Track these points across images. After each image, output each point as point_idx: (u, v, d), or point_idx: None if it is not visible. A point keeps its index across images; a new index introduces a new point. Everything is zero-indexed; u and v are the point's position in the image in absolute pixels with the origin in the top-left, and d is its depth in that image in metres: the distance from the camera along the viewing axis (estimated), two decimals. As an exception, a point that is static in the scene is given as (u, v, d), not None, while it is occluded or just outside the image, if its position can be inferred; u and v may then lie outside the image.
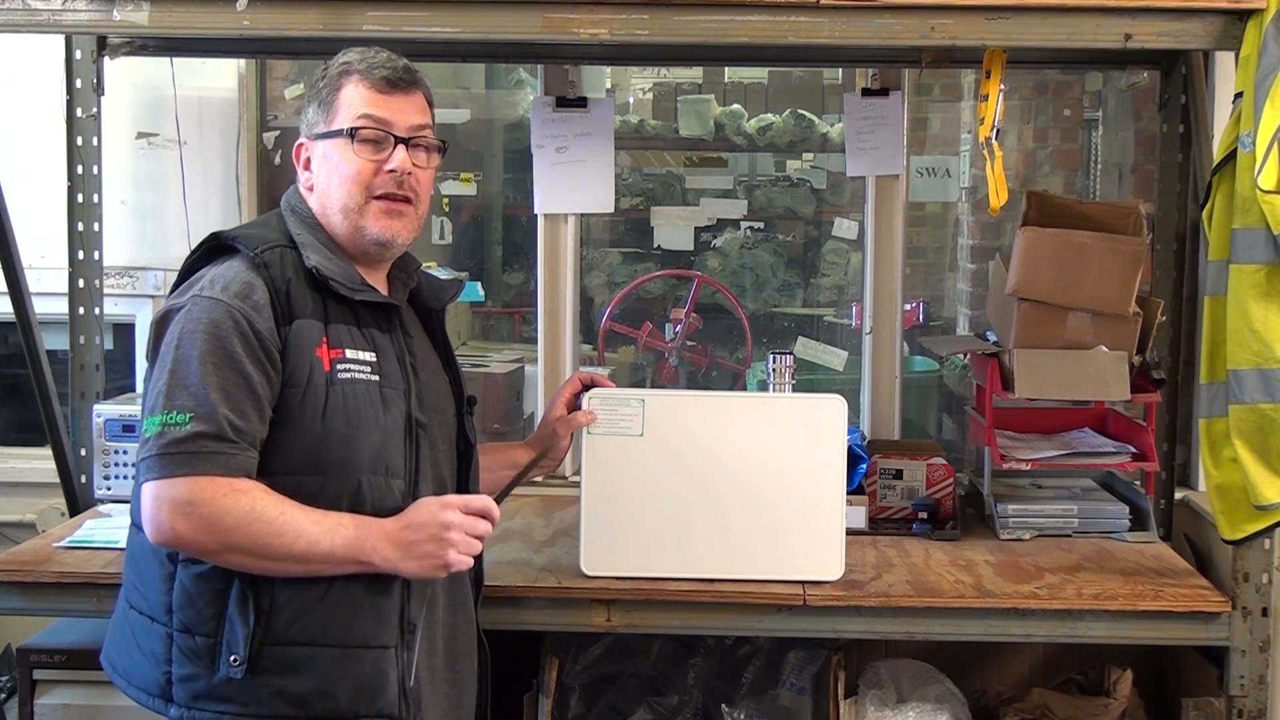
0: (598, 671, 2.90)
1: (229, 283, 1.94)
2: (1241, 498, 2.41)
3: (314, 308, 1.96)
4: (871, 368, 3.33)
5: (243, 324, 1.90)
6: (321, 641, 1.93)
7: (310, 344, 1.94)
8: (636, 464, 2.49)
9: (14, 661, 2.92)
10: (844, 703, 2.68)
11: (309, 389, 1.93)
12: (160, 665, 1.95)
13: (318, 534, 1.89)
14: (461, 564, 1.96)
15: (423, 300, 2.19)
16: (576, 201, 3.24)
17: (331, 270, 1.98)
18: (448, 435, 2.14)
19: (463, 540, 1.94)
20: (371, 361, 1.99)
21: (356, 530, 1.91)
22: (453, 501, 1.97)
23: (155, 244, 3.71)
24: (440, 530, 1.93)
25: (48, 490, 3.42)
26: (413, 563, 1.93)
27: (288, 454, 1.93)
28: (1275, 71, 2.28)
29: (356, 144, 2.00)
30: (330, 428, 1.93)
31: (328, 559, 1.90)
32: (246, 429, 1.89)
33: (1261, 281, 2.33)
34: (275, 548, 1.87)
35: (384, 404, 1.98)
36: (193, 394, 1.87)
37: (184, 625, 1.93)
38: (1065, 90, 5.21)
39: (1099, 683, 2.88)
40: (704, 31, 2.41)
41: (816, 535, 2.51)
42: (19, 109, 3.71)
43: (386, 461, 1.97)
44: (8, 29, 2.45)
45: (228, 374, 1.88)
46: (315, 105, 2.06)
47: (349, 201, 2.02)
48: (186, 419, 1.86)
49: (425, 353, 2.14)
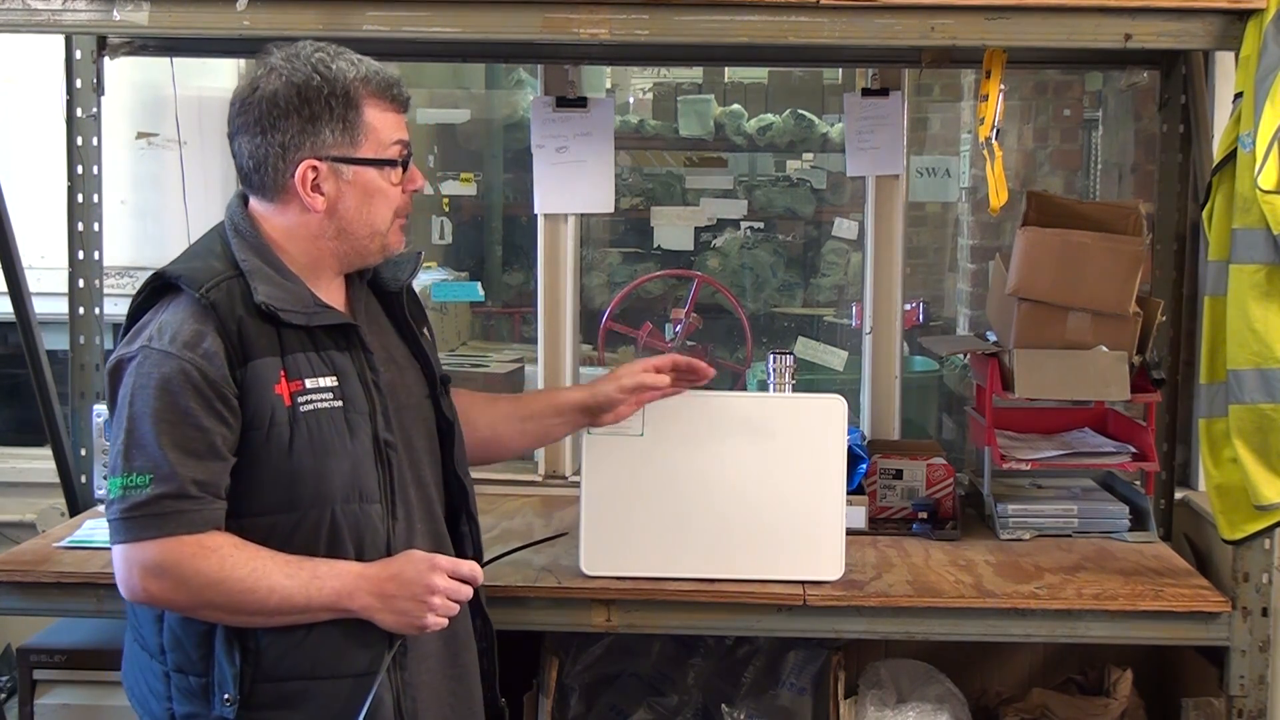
0: (598, 671, 2.90)
1: (177, 331, 1.86)
2: (1241, 498, 2.41)
3: (268, 343, 1.90)
4: (871, 368, 3.32)
5: (194, 376, 1.84)
6: (312, 675, 1.91)
7: (268, 382, 1.89)
8: (636, 464, 2.49)
9: (14, 661, 2.92)
10: (844, 703, 2.68)
11: (272, 428, 1.88)
12: (163, 701, 1.95)
13: (292, 588, 1.86)
14: (438, 626, 1.93)
15: (382, 285, 2.11)
16: (576, 201, 3.24)
17: (283, 300, 1.91)
18: (424, 424, 2.09)
19: (443, 605, 1.92)
20: (333, 387, 1.94)
21: (334, 580, 1.88)
22: (442, 564, 1.93)
23: (155, 244, 3.71)
24: (424, 592, 1.90)
25: (48, 490, 3.42)
26: (390, 616, 1.91)
27: (259, 495, 1.90)
28: (1275, 71, 2.28)
29: (396, 171, 1.98)
30: (299, 463, 1.89)
31: (304, 610, 1.88)
32: (209, 481, 1.85)
33: (1261, 281, 2.33)
34: (248, 604, 1.86)
35: (350, 430, 1.94)
36: (149, 455, 1.83)
37: (177, 665, 1.93)
38: (1065, 90, 5.22)
39: (1099, 683, 2.89)
40: (704, 31, 2.41)
41: (816, 535, 2.50)
42: (19, 109, 3.71)
43: (359, 487, 1.94)
44: (8, 29, 2.45)
45: (184, 430, 1.83)
46: (328, 125, 1.92)
47: (380, 225, 1.98)
48: (146, 481, 1.83)
49: (391, 346, 2.09)
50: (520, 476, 3.31)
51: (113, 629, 2.80)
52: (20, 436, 3.89)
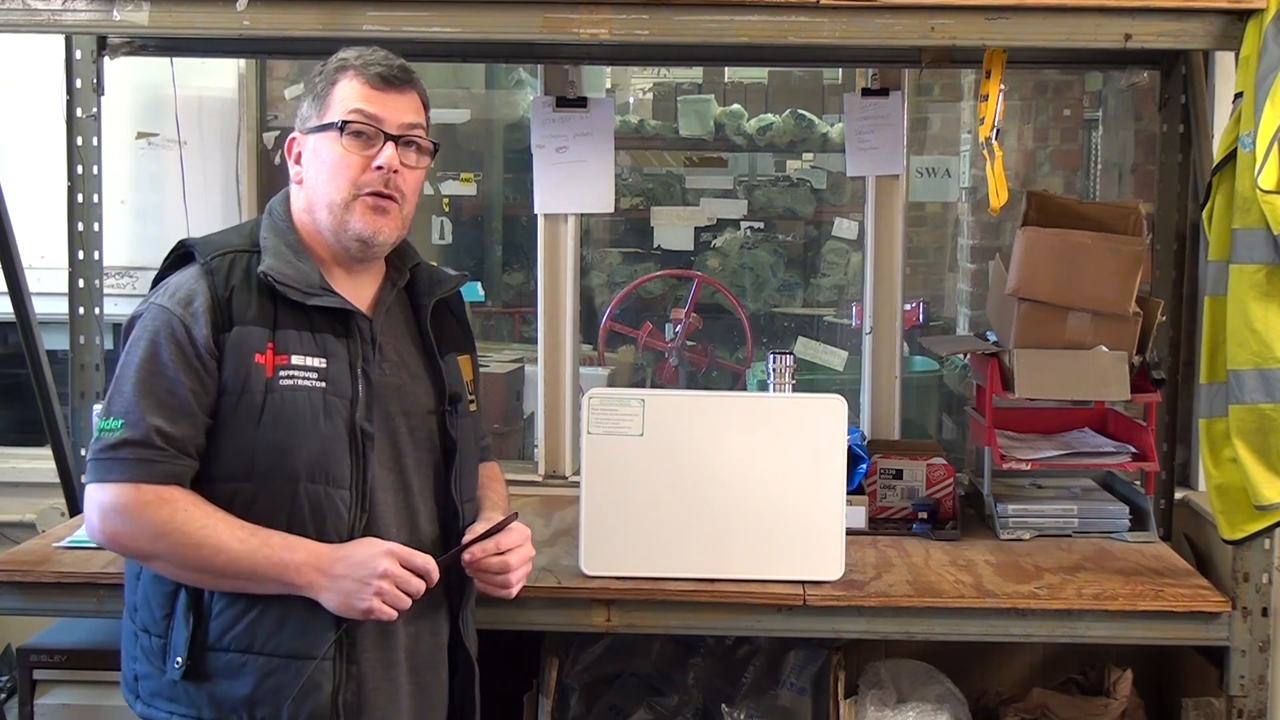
0: (598, 671, 2.90)
1: (176, 289, 1.96)
2: (1241, 498, 2.41)
3: (259, 313, 1.95)
4: (871, 368, 3.33)
5: (179, 331, 1.92)
6: (252, 650, 1.92)
7: (249, 350, 1.93)
8: (636, 464, 2.49)
9: (14, 661, 2.92)
10: (844, 703, 2.68)
11: (244, 395, 1.92)
12: (130, 661, 2.02)
13: (241, 551, 1.88)
14: (382, 614, 1.90)
15: (415, 296, 2.15)
16: (576, 201, 3.24)
17: (284, 275, 1.96)
18: (425, 437, 2.08)
19: (390, 592, 1.89)
20: (319, 368, 1.96)
21: (284, 552, 1.89)
22: (396, 551, 1.92)
23: (155, 244, 3.68)
24: (370, 575, 1.89)
25: (48, 490, 3.42)
26: (333, 595, 1.90)
27: (223, 460, 1.93)
28: (1275, 71, 2.28)
29: (346, 138, 1.98)
30: (265, 435, 1.92)
31: (250, 576, 1.89)
32: (176, 435, 1.90)
33: (1261, 281, 2.33)
34: (194, 559, 1.88)
35: (325, 411, 1.95)
36: (125, 402, 1.91)
37: (143, 625, 1.98)
38: (1065, 90, 5.21)
39: (1099, 683, 2.88)
40: (704, 31, 2.41)
41: (816, 535, 2.50)
42: (19, 109, 3.71)
43: (327, 470, 1.94)
44: (8, 29, 2.45)
45: (159, 382, 1.90)
46: (310, 100, 2.05)
47: (335, 196, 2.00)
48: (118, 426, 1.90)
49: (407, 354, 2.09)
50: (520, 476, 3.31)
51: (113, 629, 2.78)
52: (20, 436, 3.89)
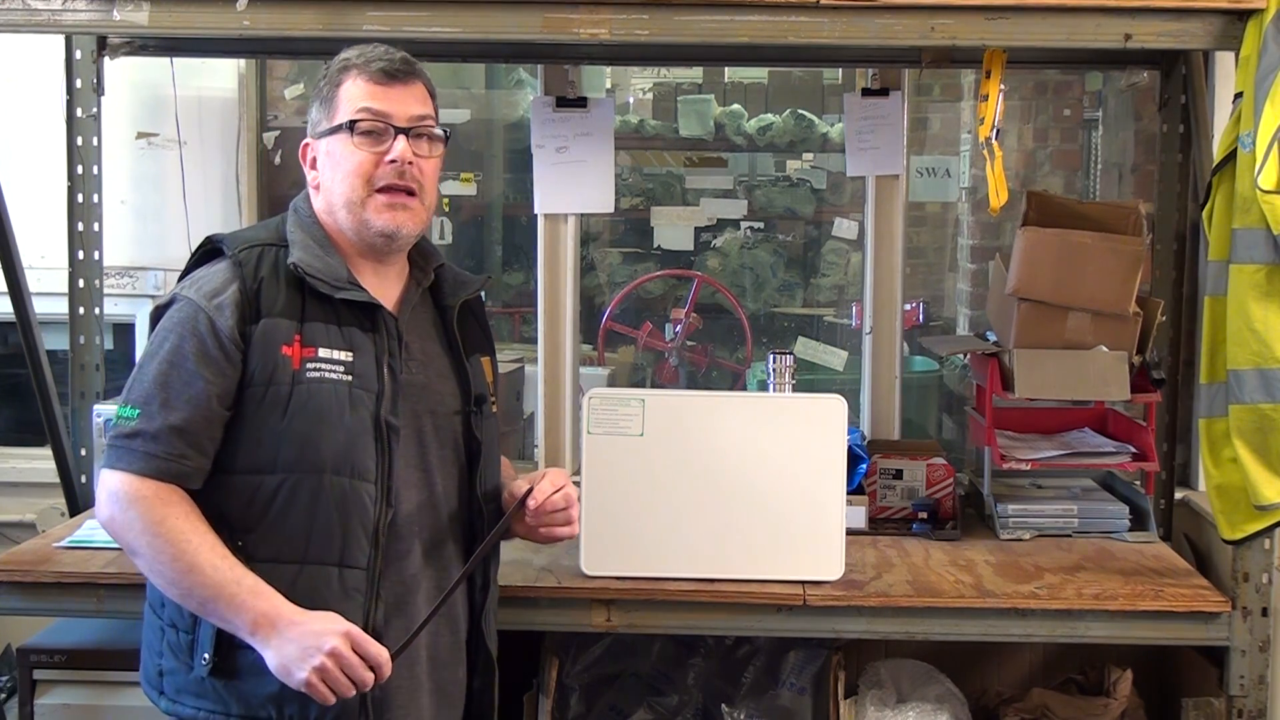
0: (598, 671, 2.90)
1: (205, 281, 1.98)
2: (1241, 498, 2.41)
3: (287, 305, 1.96)
4: (871, 368, 3.32)
5: (203, 323, 1.93)
6: None
7: (277, 342, 1.94)
8: (636, 464, 2.49)
9: (14, 661, 2.92)
10: (844, 703, 2.68)
11: (271, 387, 1.93)
12: (154, 657, 2.01)
13: (209, 578, 1.86)
14: (316, 691, 1.84)
15: (440, 297, 2.16)
16: (576, 201, 3.24)
17: (313, 267, 1.98)
18: (450, 437, 2.10)
19: (332, 672, 1.83)
20: (346, 361, 1.97)
21: (250, 595, 1.86)
22: (353, 634, 1.86)
23: (155, 244, 3.72)
24: (316, 649, 1.83)
25: (48, 490, 3.42)
26: (276, 656, 1.86)
27: (248, 451, 1.94)
28: (1275, 71, 2.28)
29: (356, 137, 2.00)
30: (291, 426, 1.92)
31: (206, 600, 1.87)
32: (189, 430, 1.91)
33: (1261, 281, 2.33)
34: (166, 570, 1.88)
35: (351, 404, 1.95)
36: (143, 391, 1.93)
37: (170, 620, 1.98)
38: (1065, 90, 5.21)
39: (1099, 683, 2.88)
40: (704, 31, 2.42)
41: (816, 535, 2.51)
42: (19, 109, 3.71)
43: (353, 463, 1.95)
44: (8, 29, 2.45)
45: (178, 374, 1.92)
46: (318, 104, 2.06)
47: (352, 195, 2.01)
48: (134, 415, 1.92)
49: (432, 354, 2.11)
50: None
51: (113, 629, 2.80)
52: (20, 436, 3.89)
